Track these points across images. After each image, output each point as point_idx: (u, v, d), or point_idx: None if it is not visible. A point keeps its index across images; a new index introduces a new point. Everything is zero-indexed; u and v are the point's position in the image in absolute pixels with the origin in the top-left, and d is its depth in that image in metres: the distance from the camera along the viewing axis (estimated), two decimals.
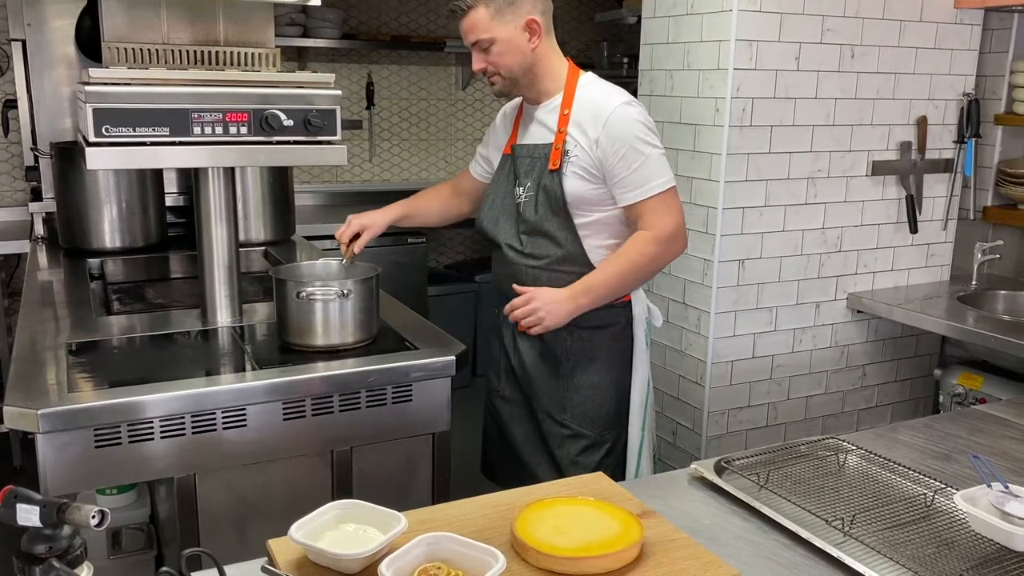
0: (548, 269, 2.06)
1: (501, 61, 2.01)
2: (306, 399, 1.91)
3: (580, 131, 2.00)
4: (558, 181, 2.02)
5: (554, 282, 2.05)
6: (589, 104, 2.02)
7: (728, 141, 2.69)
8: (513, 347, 2.18)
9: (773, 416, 3.00)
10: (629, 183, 1.98)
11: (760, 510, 1.41)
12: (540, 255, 2.07)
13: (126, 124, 1.96)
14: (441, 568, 1.13)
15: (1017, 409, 1.98)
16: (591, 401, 2.11)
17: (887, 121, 2.97)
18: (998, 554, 1.29)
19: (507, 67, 2.01)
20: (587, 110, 2.01)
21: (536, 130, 2.10)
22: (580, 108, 2.02)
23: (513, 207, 2.12)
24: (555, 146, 2.04)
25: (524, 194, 2.08)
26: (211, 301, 2.28)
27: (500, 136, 2.25)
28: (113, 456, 1.76)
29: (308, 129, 2.11)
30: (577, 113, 2.03)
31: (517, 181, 2.11)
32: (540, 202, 2.04)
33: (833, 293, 3.02)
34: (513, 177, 2.13)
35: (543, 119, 2.08)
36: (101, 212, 3.03)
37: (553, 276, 2.06)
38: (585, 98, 2.03)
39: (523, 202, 2.08)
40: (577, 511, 1.32)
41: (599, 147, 1.98)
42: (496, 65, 2.01)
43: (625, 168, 1.97)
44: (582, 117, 2.01)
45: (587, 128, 1.99)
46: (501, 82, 2.04)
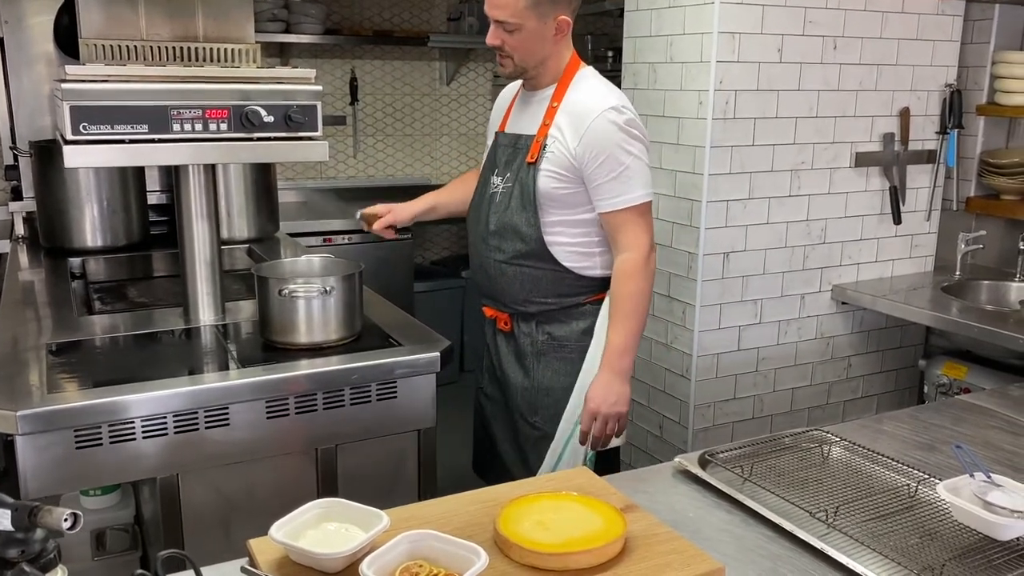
0: (512, 263, 2.03)
1: (520, 47, 1.94)
2: (290, 397, 1.90)
3: (563, 128, 1.95)
4: (532, 175, 1.98)
5: (518, 277, 2.03)
6: (577, 104, 1.96)
7: (711, 134, 2.69)
8: (493, 345, 2.17)
9: (759, 408, 3.01)
10: (607, 190, 1.94)
11: (744, 503, 1.41)
12: (505, 248, 2.03)
13: (104, 121, 1.94)
14: (423, 566, 1.13)
15: (1000, 399, 1.98)
16: (562, 403, 2.06)
17: (870, 113, 2.98)
18: (981, 544, 1.30)
19: (523, 55, 1.95)
20: (574, 109, 1.96)
21: (525, 119, 2.06)
22: (569, 105, 1.97)
23: (488, 197, 2.07)
24: (536, 138, 1.99)
25: (501, 184, 2.03)
26: (193, 300, 2.26)
27: (495, 121, 2.20)
28: (94, 457, 1.74)
29: (289, 125, 2.09)
30: (564, 109, 1.97)
31: (496, 170, 2.06)
32: (514, 194, 2.00)
33: (818, 285, 3.03)
34: (492, 165, 2.09)
35: (533, 108, 2.04)
36: (82, 211, 3.00)
37: (518, 271, 2.03)
38: (575, 97, 1.98)
39: (498, 192, 2.04)
40: (560, 506, 1.31)
41: (579, 150, 1.93)
42: (513, 49, 1.94)
43: (603, 175, 1.93)
44: (568, 115, 1.96)
45: (571, 127, 1.94)
46: (512, 66, 1.98)
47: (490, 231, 2.04)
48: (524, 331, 2.08)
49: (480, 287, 2.17)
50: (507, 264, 2.03)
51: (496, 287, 2.08)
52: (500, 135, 2.10)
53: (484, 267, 2.08)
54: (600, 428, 1.97)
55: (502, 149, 2.07)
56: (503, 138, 2.08)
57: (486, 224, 2.05)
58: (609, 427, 1.98)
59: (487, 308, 2.16)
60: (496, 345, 2.16)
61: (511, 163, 2.03)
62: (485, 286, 2.13)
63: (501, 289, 2.07)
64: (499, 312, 2.12)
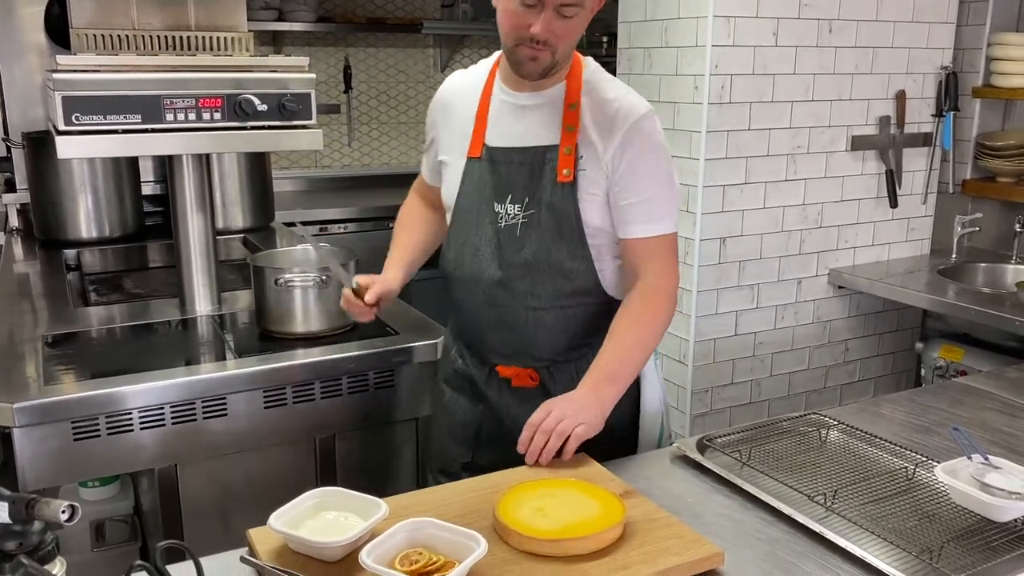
0: (554, 308, 1.62)
1: (570, 34, 1.52)
2: (287, 387, 1.90)
3: (591, 134, 1.58)
4: (570, 196, 1.57)
5: (563, 322, 1.64)
6: (606, 105, 1.59)
7: (707, 118, 2.68)
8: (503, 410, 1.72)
9: (757, 393, 3.01)
10: (640, 213, 1.58)
11: (742, 487, 1.41)
12: (542, 292, 1.61)
13: (96, 112, 1.92)
14: (423, 554, 1.13)
15: (997, 381, 1.99)
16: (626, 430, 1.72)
17: (866, 96, 2.97)
18: (979, 525, 1.30)
19: (569, 42, 1.54)
20: (603, 110, 1.59)
21: (529, 126, 1.62)
22: (594, 105, 1.60)
23: (493, 232, 1.63)
24: (563, 149, 1.57)
25: (515, 213, 1.61)
26: (189, 290, 2.25)
27: (453, 134, 1.70)
28: (92, 449, 1.74)
29: (283, 113, 2.08)
30: (590, 110, 1.59)
31: (498, 196, 1.63)
32: (543, 223, 1.59)
33: (815, 269, 3.03)
34: (491, 191, 1.63)
35: (539, 113, 1.61)
36: (76, 202, 2.99)
37: (561, 314, 1.64)
38: (602, 96, 1.60)
39: (517, 224, 1.61)
40: (559, 493, 1.31)
41: (613, 160, 1.56)
42: (561, 38, 1.50)
43: (641, 192, 1.58)
44: (596, 117, 1.59)
45: (600, 133, 1.57)
46: (549, 59, 1.52)
47: (512, 275, 1.62)
48: (561, 379, 1.66)
49: (484, 346, 1.70)
50: (546, 310, 1.62)
51: (525, 340, 1.65)
52: (495, 150, 1.63)
53: (504, 320, 1.65)
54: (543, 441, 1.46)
55: (507, 167, 1.62)
56: (503, 154, 1.63)
57: (503, 267, 1.62)
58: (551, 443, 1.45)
59: (501, 368, 1.70)
60: (505, 408, 1.70)
61: (528, 184, 1.60)
62: (499, 343, 1.68)
63: (533, 342, 1.65)
64: (521, 368, 1.68)
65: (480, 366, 1.72)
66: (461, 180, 1.67)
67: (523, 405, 1.62)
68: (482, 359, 1.72)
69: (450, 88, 1.75)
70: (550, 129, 1.60)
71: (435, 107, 1.77)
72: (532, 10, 1.46)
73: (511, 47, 1.52)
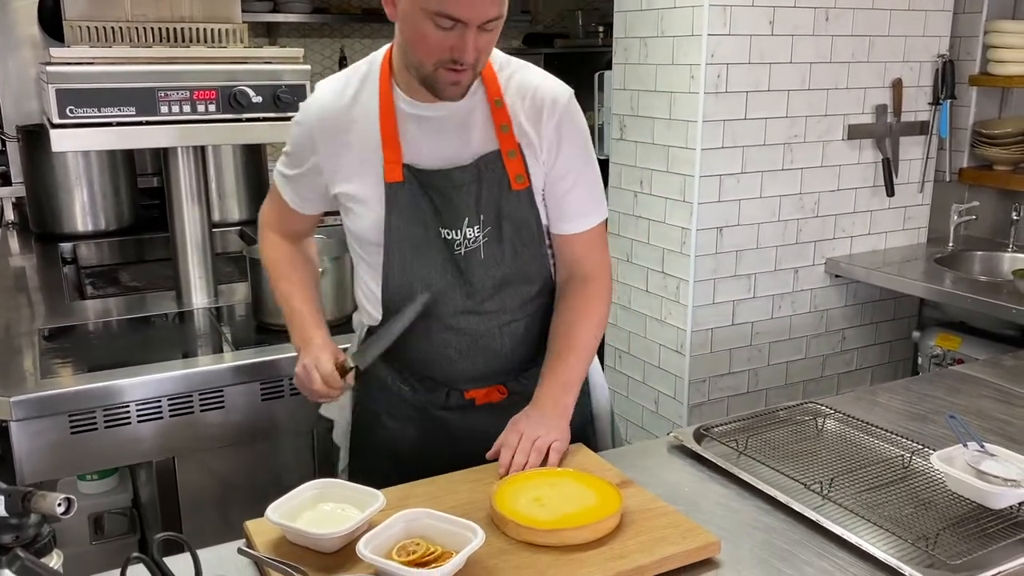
0: (521, 318, 1.55)
1: (491, 46, 1.38)
2: (284, 379, 1.90)
3: (526, 128, 1.47)
4: (528, 202, 1.47)
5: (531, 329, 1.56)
6: (530, 92, 1.47)
7: (704, 108, 2.67)
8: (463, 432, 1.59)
9: (754, 382, 3.01)
10: (578, 204, 1.51)
11: (739, 476, 1.41)
12: (509, 305, 1.52)
13: (90, 104, 1.92)
14: (420, 544, 1.13)
15: (993, 369, 1.99)
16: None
17: (862, 84, 2.96)
18: (975, 512, 1.30)
19: (489, 52, 1.39)
20: (530, 100, 1.47)
21: (453, 139, 1.45)
22: (519, 97, 1.47)
23: (449, 260, 1.47)
24: (506, 153, 1.45)
25: (474, 236, 1.46)
26: (185, 283, 2.25)
27: (349, 159, 1.47)
28: (89, 442, 1.75)
29: (278, 105, 2.08)
30: (514, 101, 1.46)
31: (446, 222, 1.46)
32: (505, 237, 1.48)
33: (811, 258, 3.03)
34: (432, 217, 1.46)
35: (461, 120, 1.45)
36: (72, 195, 2.98)
37: (527, 323, 1.55)
38: (523, 84, 1.48)
39: (475, 249, 1.47)
40: (556, 483, 1.32)
41: (552, 151, 1.47)
42: (483, 53, 1.36)
43: (577, 183, 1.50)
44: (525, 110, 1.47)
45: (535, 125, 1.46)
46: (471, 77, 1.37)
47: (483, 298, 1.50)
48: (528, 384, 1.55)
49: (450, 376, 1.55)
50: (518, 321, 1.54)
51: (500, 359, 1.55)
52: (429, 173, 1.44)
53: (477, 346, 1.52)
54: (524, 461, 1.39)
55: (452, 191, 1.45)
56: (440, 178, 1.44)
57: (471, 295, 1.49)
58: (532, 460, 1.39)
59: (469, 392, 1.57)
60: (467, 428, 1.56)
61: (481, 202, 1.46)
62: (470, 369, 1.54)
63: (509, 358, 1.56)
64: (491, 387, 1.58)
65: (434, 391, 1.57)
66: (386, 210, 1.45)
67: (491, 420, 1.52)
68: (439, 387, 1.57)
69: (329, 105, 1.48)
70: (483, 134, 1.46)
71: (311, 128, 1.48)
72: (451, 32, 1.29)
73: (430, 72, 1.35)
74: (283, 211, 1.61)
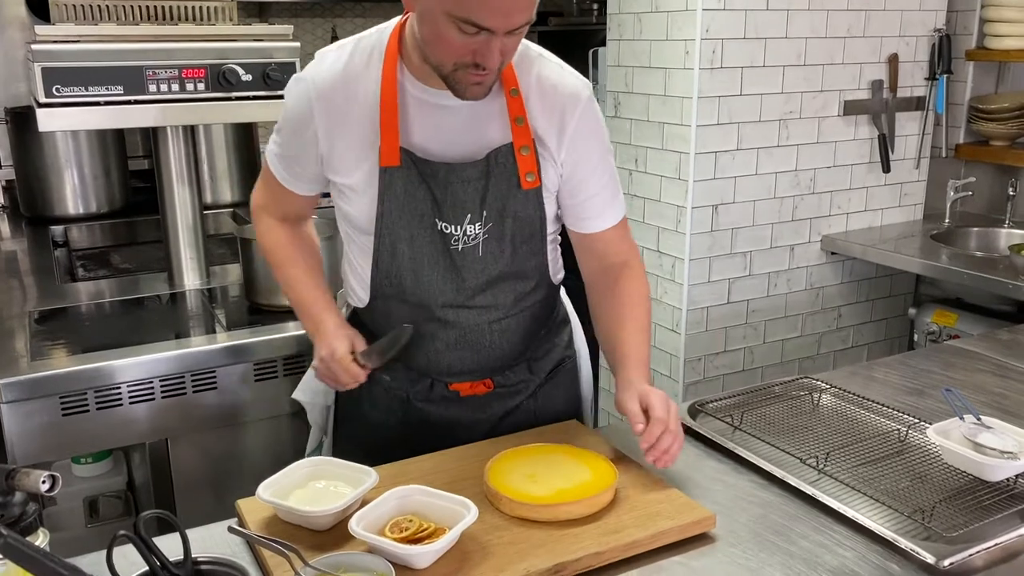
0: (513, 315, 1.48)
1: (517, 46, 1.30)
2: (277, 359, 1.88)
3: (540, 123, 1.39)
4: (537, 202, 1.41)
5: (522, 325, 1.50)
6: (548, 85, 1.39)
7: (699, 84, 2.65)
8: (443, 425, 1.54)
9: (750, 360, 3.01)
10: (602, 202, 1.47)
11: (734, 451, 1.41)
12: (501, 302, 1.46)
13: (77, 84, 1.90)
14: (413, 520, 1.12)
15: (989, 343, 1.98)
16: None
17: (858, 59, 2.94)
18: (971, 485, 1.30)
19: (514, 52, 1.31)
20: (548, 93, 1.39)
21: (461, 128, 1.37)
22: (536, 88, 1.39)
23: (443, 254, 1.40)
24: (519, 149, 1.37)
25: (474, 233, 1.39)
26: (177, 264, 2.23)
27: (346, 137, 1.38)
28: (82, 424, 1.73)
29: (267, 83, 2.06)
30: (532, 95, 1.38)
31: (444, 215, 1.38)
32: (506, 235, 1.41)
33: (807, 235, 3.01)
34: (429, 207, 1.37)
35: (473, 109, 1.35)
36: (62, 178, 2.95)
37: (519, 319, 1.50)
38: (542, 75, 1.40)
39: (474, 246, 1.40)
40: (550, 458, 1.31)
41: (569, 151, 1.40)
42: (508, 54, 1.28)
43: (600, 180, 1.45)
44: (542, 103, 1.39)
45: (551, 121, 1.39)
46: (494, 77, 1.29)
47: (473, 293, 1.44)
48: (514, 376, 1.54)
49: (435, 368, 1.50)
50: (509, 318, 1.48)
51: (487, 355, 1.50)
52: (432, 165, 1.36)
53: (464, 340, 1.47)
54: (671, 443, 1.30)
55: (456, 185, 1.36)
56: (446, 171, 1.36)
57: (460, 289, 1.43)
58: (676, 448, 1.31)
59: (454, 385, 1.52)
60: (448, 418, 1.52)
61: (487, 198, 1.38)
62: (456, 362, 1.49)
63: (497, 354, 1.50)
64: (475, 382, 1.53)
65: (417, 382, 1.52)
66: (379, 196, 1.37)
67: (474, 412, 1.52)
68: (421, 378, 1.52)
69: (329, 75, 1.38)
70: (495, 125, 1.37)
71: (308, 97, 1.38)
72: (475, 37, 1.20)
73: (449, 72, 1.26)
74: (277, 192, 1.53)
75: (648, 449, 1.28)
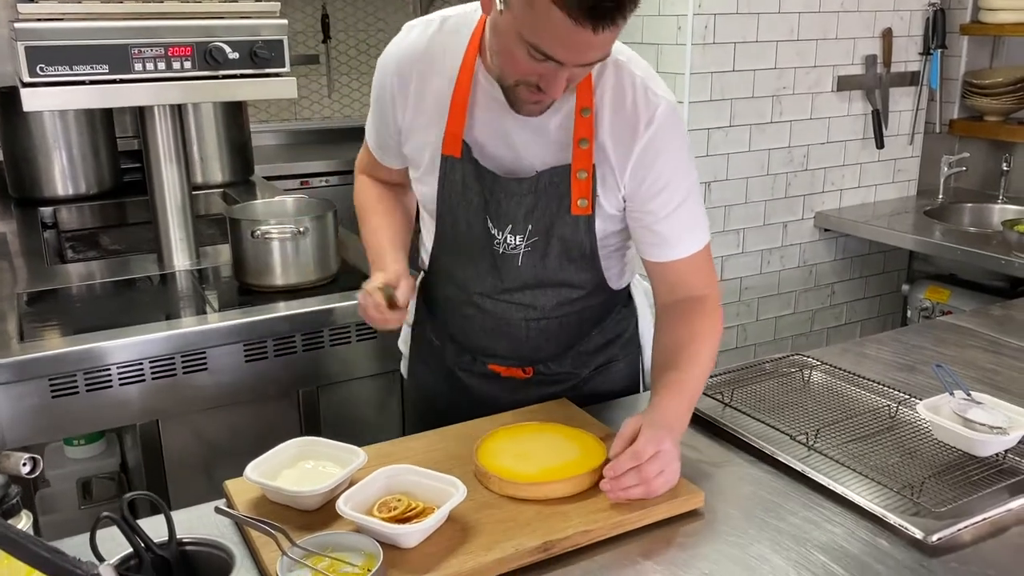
0: (554, 317, 1.45)
1: (586, 74, 1.26)
2: (268, 340, 1.88)
3: (608, 147, 1.30)
4: (587, 228, 1.34)
5: (565, 327, 1.46)
6: (620, 100, 1.29)
7: (691, 60, 2.63)
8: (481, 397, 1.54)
9: (743, 338, 3.01)
10: (674, 229, 1.34)
11: (724, 428, 1.41)
12: (542, 304, 1.42)
13: (62, 62, 1.88)
14: (401, 500, 1.12)
15: (982, 318, 1.98)
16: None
17: (852, 34, 2.92)
18: (960, 460, 1.30)
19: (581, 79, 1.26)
20: (619, 110, 1.29)
21: (523, 138, 1.32)
22: (610, 109, 1.29)
23: (488, 251, 1.39)
24: (577, 173, 1.30)
25: (515, 243, 1.36)
26: (166, 245, 2.22)
27: (421, 112, 1.37)
28: (71, 406, 1.73)
29: (255, 61, 2.03)
30: (606, 117, 1.29)
31: (492, 217, 1.35)
32: (551, 252, 1.37)
33: (800, 212, 3.01)
34: (480, 205, 1.35)
35: (539, 121, 1.29)
36: (50, 159, 2.93)
37: (563, 321, 1.46)
38: (615, 88, 1.29)
39: (515, 255, 1.37)
40: (540, 437, 1.30)
41: (636, 175, 1.30)
42: (576, 82, 1.25)
43: (671, 205, 1.32)
44: (613, 125, 1.29)
45: (618, 144, 1.29)
46: (552, 101, 1.24)
47: (511, 288, 1.41)
48: (558, 368, 1.51)
49: (474, 347, 1.51)
50: (549, 320, 1.45)
51: (525, 347, 1.48)
52: (492, 175, 1.33)
53: (500, 330, 1.46)
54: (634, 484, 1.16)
55: (505, 197, 1.33)
56: (498, 182, 1.33)
57: (499, 283, 1.41)
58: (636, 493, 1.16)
59: (492, 366, 1.51)
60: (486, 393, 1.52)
61: (532, 214, 1.33)
62: (492, 346, 1.49)
63: (534, 347, 1.48)
64: (512, 367, 1.51)
65: (460, 356, 1.53)
66: (439, 182, 1.36)
67: (514, 392, 1.50)
68: (464, 352, 1.53)
69: (411, 51, 1.36)
70: (557, 144, 1.30)
71: (390, 70, 1.38)
72: (544, 64, 1.14)
73: (510, 85, 1.21)
74: (372, 159, 1.55)
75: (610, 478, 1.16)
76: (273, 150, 4.23)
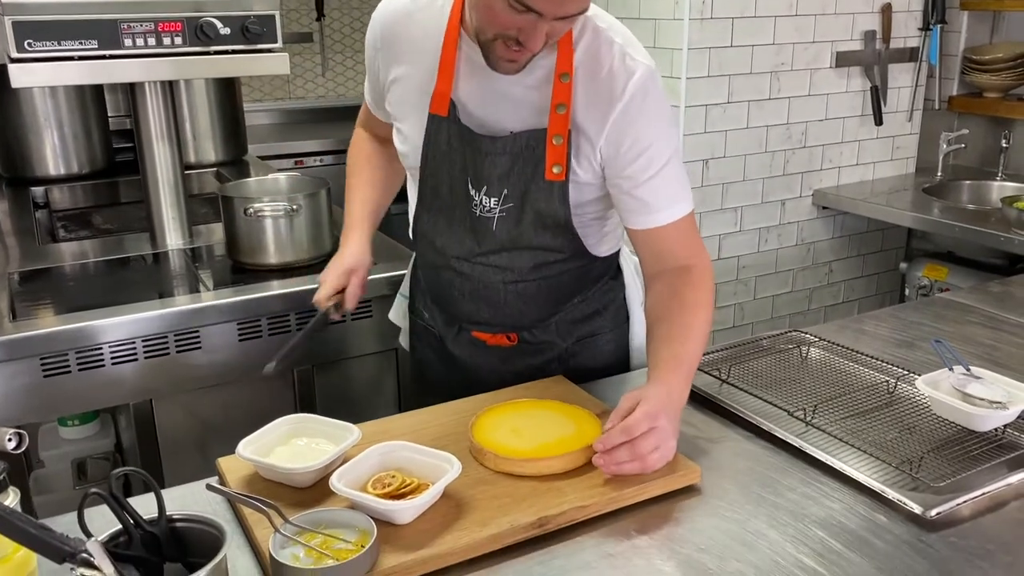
0: (530, 280, 1.44)
1: (565, 30, 1.25)
2: (261, 318, 1.86)
3: (582, 113, 1.30)
4: (560, 195, 1.34)
5: (541, 292, 1.46)
6: (598, 67, 1.28)
7: (689, 35, 2.60)
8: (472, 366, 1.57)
9: (740, 316, 3.00)
10: (654, 196, 1.32)
11: (722, 404, 1.40)
12: (518, 266, 1.42)
13: (50, 38, 1.85)
14: (396, 476, 1.11)
15: (980, 295, 1.97)
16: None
17: (851, 9, 2.89)
18: (959, 435, 1.29)
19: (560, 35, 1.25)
20: (597, 74, 1.28)
21: (501, 100, 1.33)
22: (588, 76, 1.29)
23: (466, 214, 1.40)
24: (552, 138, 1.30)
25: (490, 206, 1.37)
26: (159, 224, 2.20)
27: (410, 73, 1.39)
28: (63, 385, 1.71)
29: (247, 37, 2.01)
30: (583, 83, 1.29)
31: (471, 178, 1.36)
32: (524, 219, 1.37)
33: (798, 190, 2.99)
34: (460, 166, 1.37)
35: (518, 84, 1.30)
36: (41, 138, 2.90)
37: (540, 284, 1.45)
38: (593, 55, 1.29)
39: (489, 217, 1.38)
40: (535, 413, 1.29)
41: (612, 142, 1.30)
42: (555, 37, 1.24)
43: (649, 172, 1.31)
44: (589, 91, 1.29)
45: (593, 111, 1.29)
46: (529, 58, 1.24)
47: (487, 251, 1.42)
48: (541, 336, 1.52)
49: (456, 313, 1.52)
50: (527, 283, 1.44)
51: (503, 312, 1.48)
52: (470, 132, 1.34)
53: (478, 293, 1.46)
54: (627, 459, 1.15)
55: (483, 157, 1.34)
56: (481, 140, 1.33)
57: (475, 246, 1.42)
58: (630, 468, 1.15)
59: (477, 333, 1.53)
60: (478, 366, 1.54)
61: (507, 178, 1.34)
62: (473, 312, 1.50)
63: (513, 312, 1.48)
64: (497, 334, 1.53)
65: (448, 325, 1.55)
66: (424, 141, 1.38)
67: (502, 361, 1.52)
68: (452, 321, 1.55)
69: (396, 10, 1.40)
70: (534, 107, 1.31)
71: (376, 29, 1.42)
72: (523, 15, 1.14)
73: (487, 39, 1.22)
74: (367, 111, 1.64)
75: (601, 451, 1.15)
76: (266, 129, 4.20)
